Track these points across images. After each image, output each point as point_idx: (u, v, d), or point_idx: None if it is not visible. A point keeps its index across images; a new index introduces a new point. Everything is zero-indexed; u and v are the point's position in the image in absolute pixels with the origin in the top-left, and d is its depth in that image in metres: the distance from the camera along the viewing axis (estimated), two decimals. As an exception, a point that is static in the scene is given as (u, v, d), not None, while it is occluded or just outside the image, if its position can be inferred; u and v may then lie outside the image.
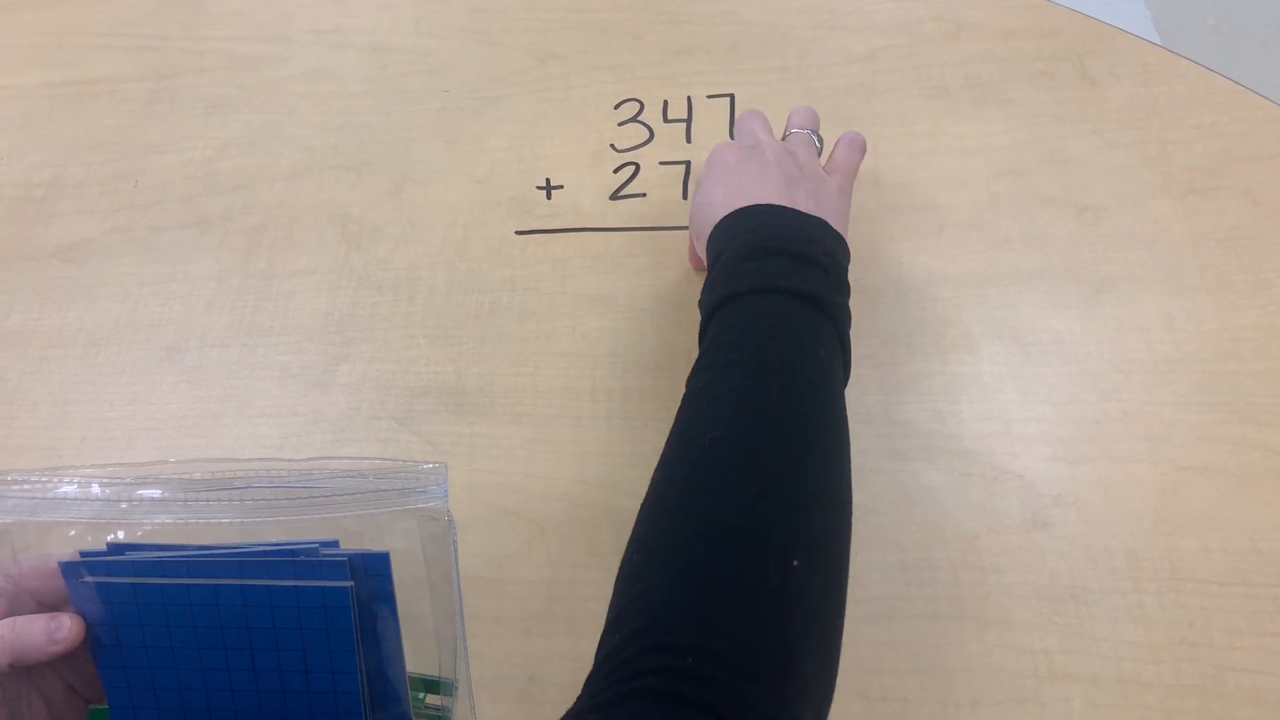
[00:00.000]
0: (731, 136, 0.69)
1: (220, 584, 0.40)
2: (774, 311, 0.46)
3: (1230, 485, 0.53)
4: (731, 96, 0.71)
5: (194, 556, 0.40)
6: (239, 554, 0.40)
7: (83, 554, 0.40)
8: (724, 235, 0.50)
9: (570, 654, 0.50)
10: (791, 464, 0.40)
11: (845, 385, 0.47)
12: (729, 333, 0.46)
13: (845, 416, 0.45)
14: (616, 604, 0.39)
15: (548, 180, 0.67)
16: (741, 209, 0.51)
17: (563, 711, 0.35)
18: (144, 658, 0.41)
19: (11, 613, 0.40)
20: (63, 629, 0.39)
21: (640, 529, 0.41)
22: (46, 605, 0.41)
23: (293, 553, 0.40)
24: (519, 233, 0.65)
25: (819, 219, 0.50)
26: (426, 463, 0.42)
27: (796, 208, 0.50)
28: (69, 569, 0.40)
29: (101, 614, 0.40)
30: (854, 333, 0.58)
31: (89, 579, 0.40)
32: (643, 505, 0.42)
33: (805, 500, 0.40)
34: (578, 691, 0.38)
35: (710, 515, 0.39)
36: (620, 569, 0.40)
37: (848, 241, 0.51)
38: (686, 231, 0.64)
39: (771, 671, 0.34)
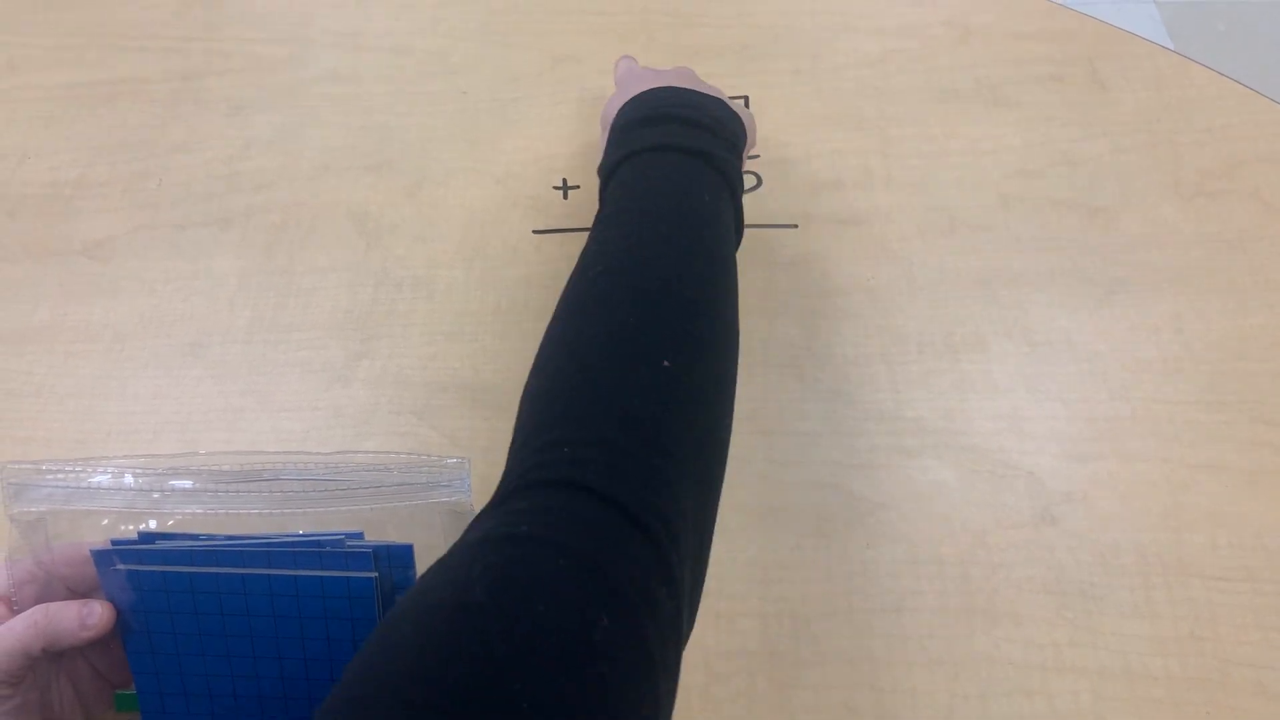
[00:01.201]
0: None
1: (248, 573, 0.41)
2: (663, 164, 0.49)
3: (1238, 483, 0.53)
4: (745, 98, 0.72)
5: (223, 546, 0.41)
6: (267, 544, 0.41)
7: (114, 542, 0.41)
8: (621, 113, 0.55)
9: (586, 644, 0.50)
10: (668, 280, 0.43)
11: (739, 241, 0.51)
12: (621, 188, 0.50)
13: (732, 255, 0.48)
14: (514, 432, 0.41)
15: (564, 180, 0.68)
16: (641, 93, 0.55)
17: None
18: (172, 644, 0.42)
19: (43, 599, 0.41)
20: (94, 615, 0.40)
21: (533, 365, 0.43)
22: (77, 592, 0.42)
23: (319, 544, 0.41)
24: (536, 231, 0.66)
25: (716, 97, 0.55)
26: (450, 458, 0.43)
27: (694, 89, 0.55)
28: (101, 556, 0.41)
29: (131, 601, 0.41)
30: (868, 330, 0.60)
31: (120, 567, 0.41)
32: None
33: (680, 310, 0.42)
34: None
35: (583, 333, 0.42)
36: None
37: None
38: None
39: (641, 447, 0.37)
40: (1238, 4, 1.81)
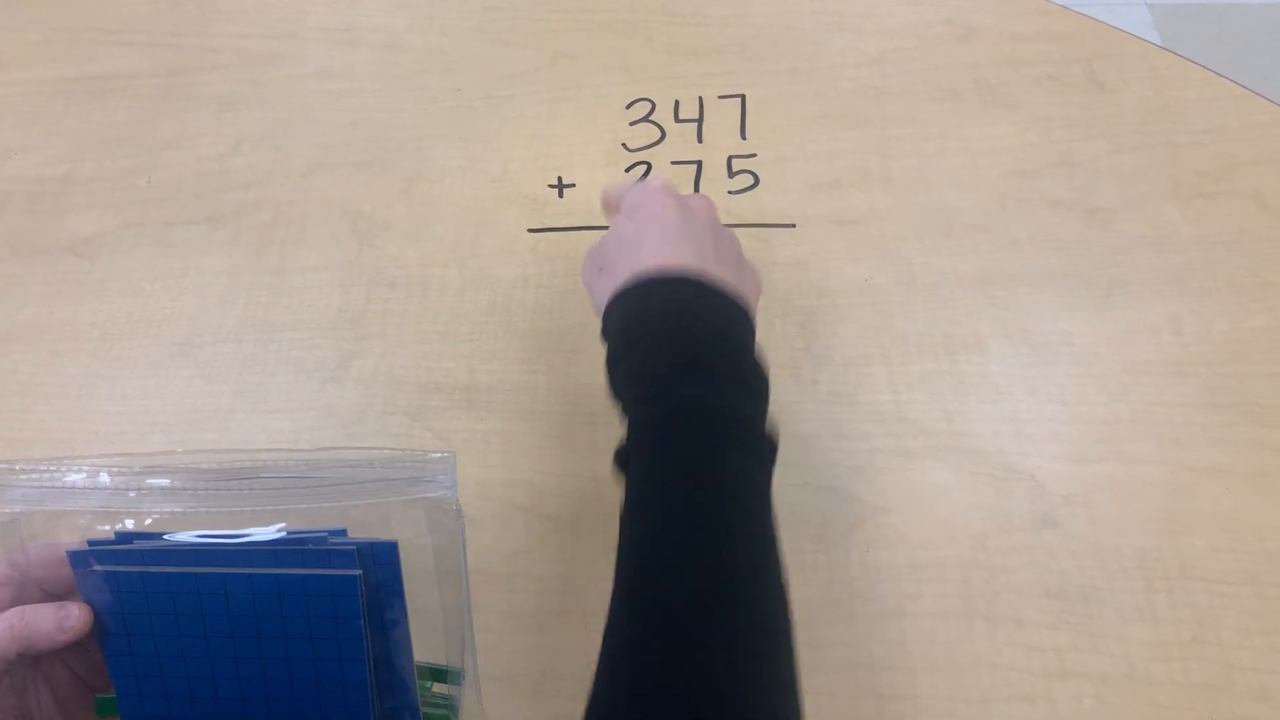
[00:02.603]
0: (744, 137, 0.69)
1: (228, 573, 0.40)
2: (704, 460, 0.42)
3: (1239, 486, 0.53)
4: (743, 97, 0.71)
5: (202, 545, 0.40)
6: (248, 543, 0.40)
7: (91, 543, 0.40)
8: (637, 304, 0.46)
9: (582, 648, 0.49)
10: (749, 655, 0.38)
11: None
12: (658, 471, 0.43)
13: (780, 561, 0.41)
14: None
15: (560, 179, 0.68)
16: (663, 273, 0.46)
17: (574, 705, 0.35)
18: (151, 646, 0.41)
19: (18, 602, 0.40)
20: (71, 617, 0.39)
21: (602, 690, 0.39)
22: (53, 594, 0.41)
23: (300, 541, 0.40)
24: (531, 230, 0.65)
25: (737, 301, 0.47)
26: (434, 452, 0.42)
27: (720, 283, 0.46)
28: (77, 558, 0.40)
29: (109, 603, 0.40)
30: (866, 331, 0.59)
31: (97, 568, 0.40)
32: (603, 658, 0.39)
33: (749, 687, 0.37)
34: (589, 686, 0.37)
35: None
36: None
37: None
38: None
39: None
40: (1229, 7, 1.82)
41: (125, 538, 0.40)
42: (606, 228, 0.65)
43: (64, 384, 0.60)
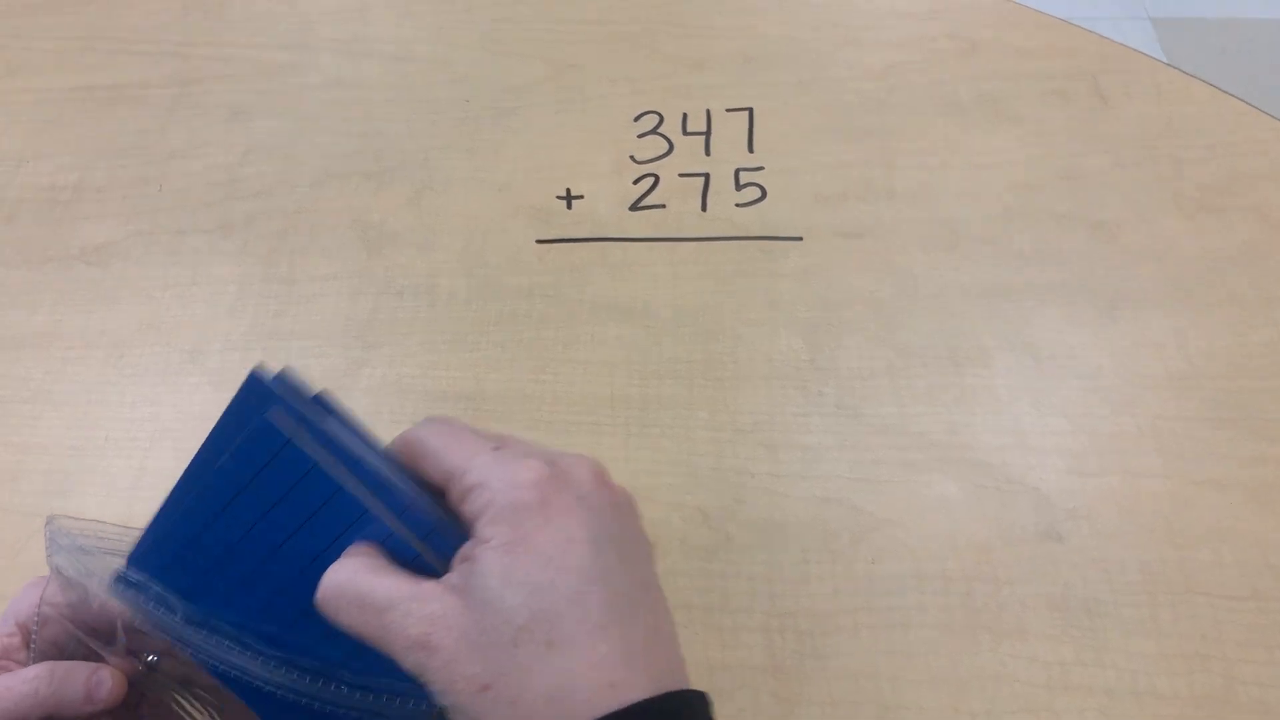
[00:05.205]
0: (751, 150, 0.70)
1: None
2: None
3: (1242, 499, 0.53)
4: (750, 110, 0.72)
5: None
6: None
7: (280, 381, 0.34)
8: None
9: (588, 658, 0.50)
10: None
11: None
12: None
13: None
14: None
15: (568, 190, 0.68)
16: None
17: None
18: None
19: (60, 642, 0.36)
20: (103, 687, 0.35)
21: None
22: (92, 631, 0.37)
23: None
24: (539, 241, 0.66)
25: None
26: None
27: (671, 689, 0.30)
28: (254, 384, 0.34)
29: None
30: (872, 343, 0.60)
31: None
32: None
33: None
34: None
35: None
36: None
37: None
38: (705, 243, 0.65)
39: None
40: (1232, 22, 1.82)
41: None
42: (614, 239, 0.66)
43: (75, 391, 0.60)
